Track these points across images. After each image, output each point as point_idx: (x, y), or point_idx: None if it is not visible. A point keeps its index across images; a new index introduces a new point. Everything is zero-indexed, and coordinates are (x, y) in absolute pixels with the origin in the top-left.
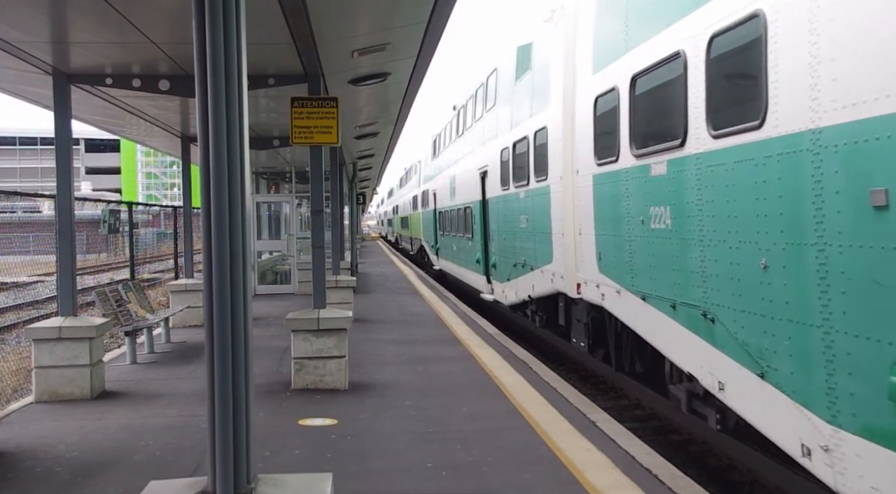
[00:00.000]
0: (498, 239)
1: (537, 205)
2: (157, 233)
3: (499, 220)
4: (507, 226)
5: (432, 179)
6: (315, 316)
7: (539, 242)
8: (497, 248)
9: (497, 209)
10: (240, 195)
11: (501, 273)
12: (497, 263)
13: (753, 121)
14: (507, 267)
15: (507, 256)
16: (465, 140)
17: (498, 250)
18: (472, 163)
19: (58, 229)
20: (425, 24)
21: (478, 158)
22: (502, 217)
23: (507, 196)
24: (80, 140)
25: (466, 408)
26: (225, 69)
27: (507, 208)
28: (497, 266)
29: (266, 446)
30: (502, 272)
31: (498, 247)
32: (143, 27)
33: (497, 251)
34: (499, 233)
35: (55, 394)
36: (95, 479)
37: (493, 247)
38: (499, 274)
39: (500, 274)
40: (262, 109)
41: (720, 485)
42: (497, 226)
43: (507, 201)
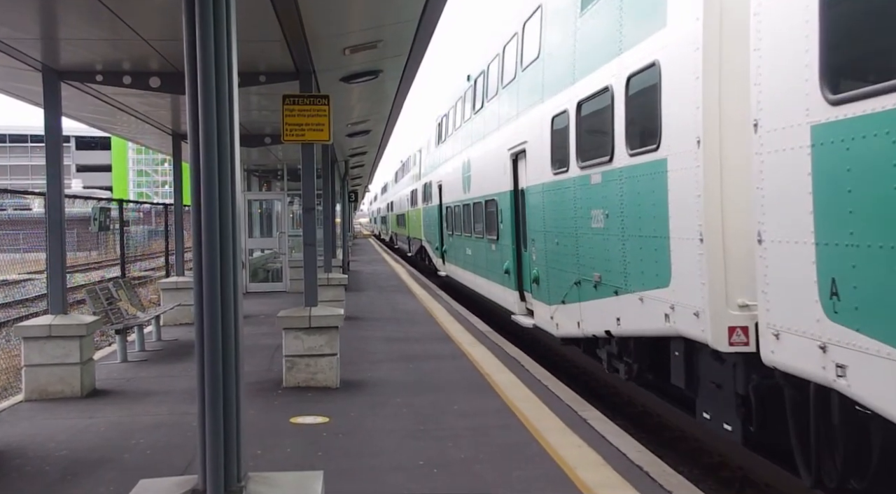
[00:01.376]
0: (544, 243)
1: (634, 192)
2: (148, 231)
3: (545, 217)
4: (561, 224)
5: (437, 169)
6: (307, 314)
7: (636, 251)
8: (542, 256)
9: (542, 201)
10: (230, 193)
11: (550, 291)
12: (542, 277)
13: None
14: (560, 285)
15: (562, 269)
16: (486, 115)
17: (544, 259)
18: (498, 142)
19: (48, 227)
20: (417, 22)
21: (507, 135)
22: (553, 212)
23: (563, 182)
24: (70, 137)
25: (458, 406)
26: (215, 66)
27: (561, 199)
28: (542, 280)
29: (257, 444)
30: (552, 290)
31: (544, 255)
32: (133, 24)
33: (542, 260)
34: (545, 234)
35: (45, 393)
36: (85, 478)
37: (533, 254)
38: (545, 293)
39: (546, 293)
40: (253, 107)
41: (711, 482)
42: (542, 224)
43: (561, 190)
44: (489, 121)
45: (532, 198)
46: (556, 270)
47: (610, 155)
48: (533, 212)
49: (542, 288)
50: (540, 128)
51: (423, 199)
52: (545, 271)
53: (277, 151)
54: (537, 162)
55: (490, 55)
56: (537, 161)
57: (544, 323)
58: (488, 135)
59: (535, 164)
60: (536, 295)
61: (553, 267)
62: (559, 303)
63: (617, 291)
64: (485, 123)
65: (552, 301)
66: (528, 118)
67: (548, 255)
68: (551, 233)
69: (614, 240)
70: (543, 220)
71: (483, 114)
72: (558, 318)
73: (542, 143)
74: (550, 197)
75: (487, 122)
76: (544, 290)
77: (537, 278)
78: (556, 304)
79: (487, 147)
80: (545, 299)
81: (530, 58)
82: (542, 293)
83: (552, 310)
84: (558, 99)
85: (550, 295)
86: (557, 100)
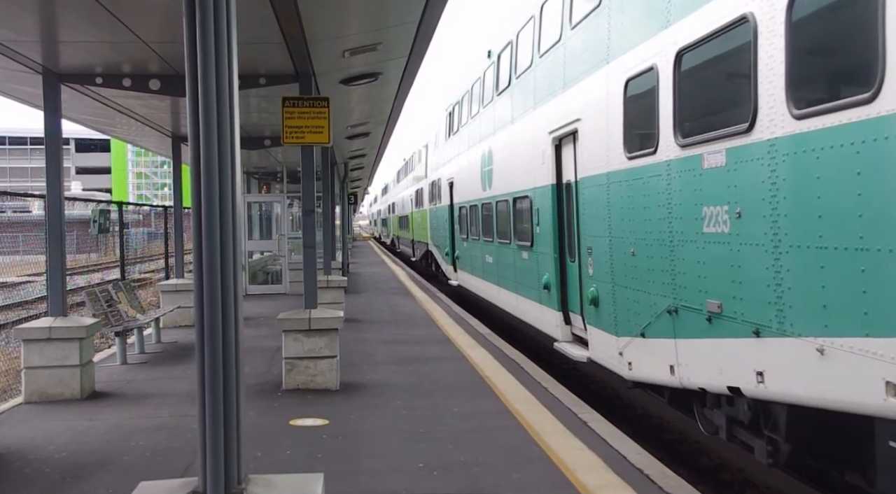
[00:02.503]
0: (609, 252)
1: (811, 177)
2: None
3: (611, 217)
4: (641, 227)
5: (447, 165)
6: (306, 316)
7: (812, 272)
8: (605, 270)
9: (606, 197)
10: (230, 195)
11: (619, 318)
12: (604, 298)
13: None
14: (637, 311)
15: (642, 289)
16: (514, 94)
17: (608, 273)
18: (533, 125)
19: (47, 229)
20: (417, 24)
21: (547, 115)
22: (625, 210)
23: (647, 169)
24: (70, 139)
25: (458, 408)
26: (216, 69)
27: (640, 192)
28: (604, 302)
29: (257, 446)
30: (622, 317)
31: (609, 268)
32: (133, 26)
33: (605, 275)
34: (612, 241)
35: (45, 395)
36: (85, 480)
37: (589, 267)
38: (609, 319)
39: (612, 320)
40: (253, 109)
41: (711, 485)
42: (605, 227)
43: (641, 179)
44: (520, 101)
45: (588, 192)
46: (631, 290)
47: (749, 120)
48: (589, 210)
49: (603, 313)
50: (604, 98)
51: (431, 199)
52: (610, 290)
53: (277, 153)
54: (598, 144)
55: (521, 21)
56: (598, 143)
57: (607, 359)
58: (518, 119)
59: (595, 148)
60: (594, 320)
61: (625, 286)
62: (635, 336)
63: (759, 331)
64: (513, 105)
65: (622, 331)
66: (581, 89)
67: (615, 269)
68: (622, 239)
69: (755, 252)
70: (608, 222)
71: (510, 95)
72: (632, 355)
73: (606, 119)
74: (621, 190)
75: (517, 103)
76: (608, 316)
77: (596, 299)
78: (628, 336)
79: (517, 133)
80: (609, 327)
81: (585, 9)
82: (603, 319)
83: (621, 344)
84: (636, 54)
85: (619, 324)
86: (635, 56)
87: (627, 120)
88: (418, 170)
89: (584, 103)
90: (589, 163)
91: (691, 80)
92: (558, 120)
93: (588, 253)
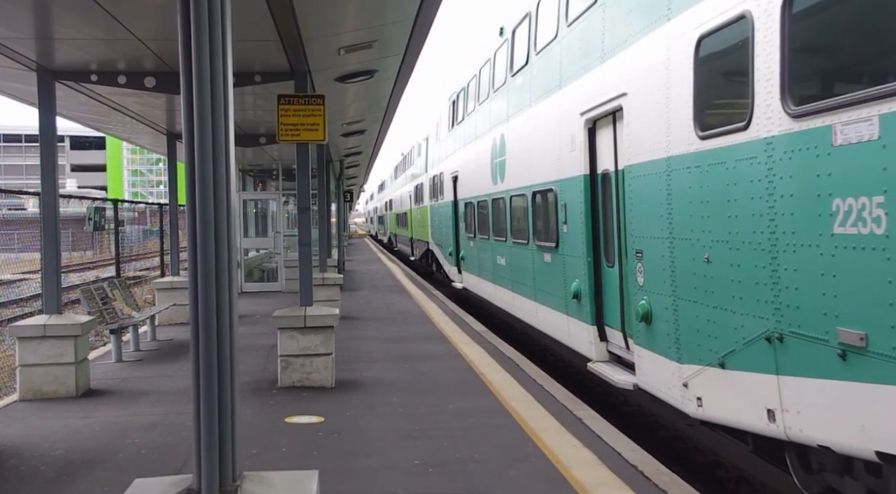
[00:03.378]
0: (668, 257)
1: None
2: (143, 231)
3: (672, 214)
4: (721, 226)
5: (450, 158)
6: (302, 313)
7: None
8: (662, 279)
9: (665, 187)
10: (225, 192)
11: (682, 340)
12: (658, 313)
13: None
14: (712, 333)
15: (721, 306)
16: (533, 73)
17: (667, 283)
18: (560, 106)
19: (42, 227)
20: (412, 22)
21: (579, 93)
22: (694, 205)
23: (731, 150)
24: (65, 137)
25: (453, 405)
26: (210, 66)
27: (719, 182)
28: (658, 319)
29: (253, 444)
30: (687, 339)
31: (668, 277)
32: (128, 23)
33: (661, 285)
34: (672, 243)
35: (40, 393)
36: (80, 478)
37: (638, 274)
38: (666, 340)
39: (671, 342)
40: (248, 106)
41: (706, 481)
42: (664, 226)
43: (722, 165)
44: (541, 81)
45: (638, 183)
46: (703, 306)
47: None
48: (639, 205)
49: (658, 332)
50: (662, 64)
51: (432, 195)
52: (670, 305)
53: (273, 151)
54: (653, 123)
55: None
56: (653, 121)
57: (663, 389)
58: (539, 101)
59: (648, 128)
60: (645, 340)
61: (693, 301)
62: (709, 365)
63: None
64: (531, 85)
65: (688, 357)
66: (627, 57)
67: (679, 279)
68: (690, 240)
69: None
70: (668, 219)
71: (528, 74)
72: (704, 389)
73: (666, 90)
74: (689, 178)
75: (537, 83)
76: (666, 336)
77: (647, 314)
78: (697, 364)
79: (537, 117)
80: (667, 351)
81: None
82: (659, 339)
83: (686, 373)
84: (715, 3)
85: (682, 348)
86: (713, 5)
87: (700, 89)
88: (418, 165)
89: (631, 74)
90: (639, 146)
91: (810, 25)
92: (593, 98)
93: (636, 257)
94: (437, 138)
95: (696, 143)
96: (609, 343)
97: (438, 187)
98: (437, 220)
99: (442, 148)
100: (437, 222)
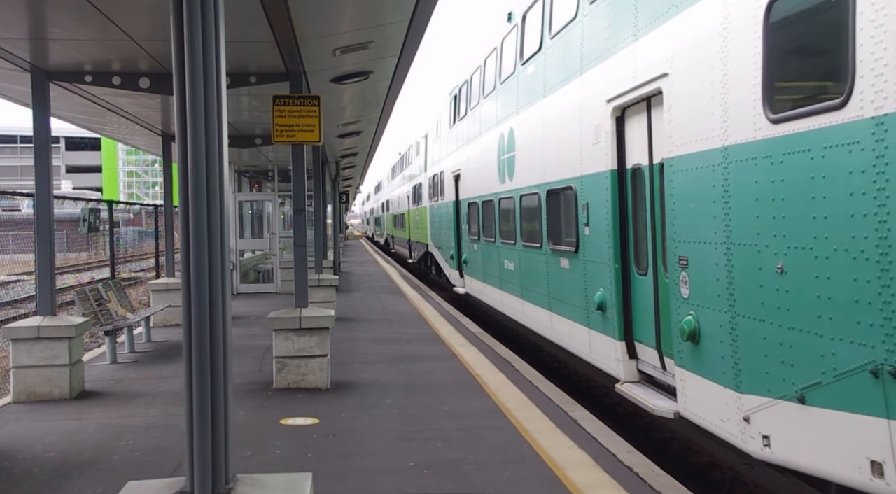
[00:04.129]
0: (725, 266)
1: None
2: (138, 232)
3: (727, 215)
4: (798, 233)
5: (452, 156)
6: (297, 315)
7: None
8: (711, 292)
9: (721, 184)
10: (218, 193)
11: (746, 367)
12: (710, 331)
13: None
14: (791, 361)
15: (798, 327)
16: (548, 58)
17: (720, 298)
18: (580, 94)
19: (36, 228)
20: (407, 23)
21: (604, 77)
22: (756, 205)
23: (812, 137)
24: (60, 138)
25: (449, 407)
26: (203, 67)
27: (800, 175)
28: (709, 338)
29: (247, 445)
30: (756, 367)
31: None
32: (122, 24)
33: (710, 299)
34: (731, 251)
35: (34, 394)
36: (73, 480)
37: (682, 286)
38: (721, 366)
39: (729, 368)
40: (244, 107)
41: (700, 483)
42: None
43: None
44: (557, 67)
45: (683, 178)
46: (775, 326)
47: None
48: (685, 204)
49: (709, 354)
50: (718, 35)
51: (431, 195)
52: (727, 322)
53: (268, 152)
54: (705, 106)
55: None
56: (705, 104)
57: (714, 421)
58: (555, 89)
59: (698, 112)
60: (692, 362)
61: (760, 319)
62: (782, 398)
63: None
64: (546, 73)
65: (750, 386)
66: (670, 31)
67: (739, 292)
68: (755, 246)
69: None
70: (725, 220)
71: (542, 61)
72: (774, 427)
73: (723, 66)
74: (756, 171)
75: (552, 70)
76: (719, 359)
77: (695, 332)
78: (763, 396)
79: (553, 107)
80: (721, 377)
81: None
82: (709, 363)
83: (747, 405)
84: None
85: (742, 374)
86: None
87: (772, 62)
88: (416, 164)
89: (675, 51)
90: (684, 135)
91: None
92: (624, 82)
93: (680, 265)
94: (437, 136)
95: (765, 128)
96: (639, 360)
97: (439, 187)
98: (437, 222)
99: (443, 145)
100: (438, 223)
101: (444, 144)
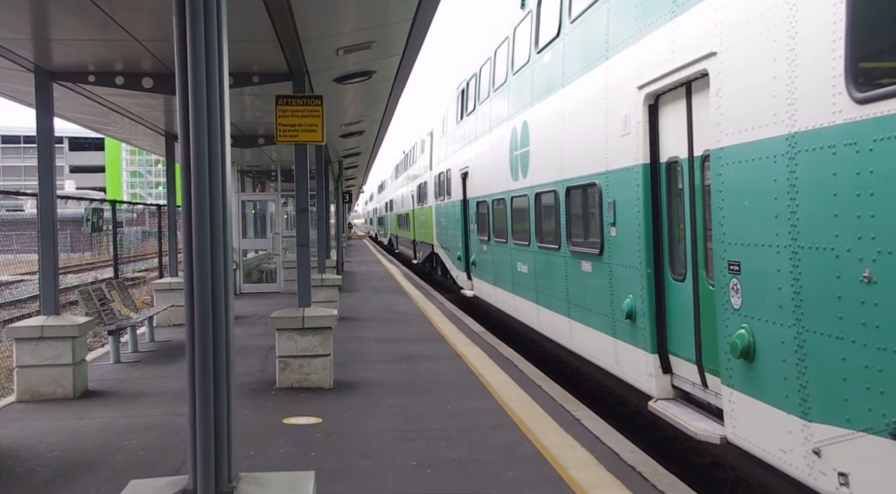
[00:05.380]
0: (789, 273)
1: None
2: (141, 232)
3: (794, 214)
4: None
5: (459, 153)
6: (300, 314)
7: None
8: (770, 302)
9: (785, 178)
10: (221, 193)
11: (817, 392)
12: (769, 348)
13: None
14: (881, 387)
15: (889, 348)
16: (567, 46)
17: (782, 310)
18: (604, 81)
19: (40, 228)
20: (410, 22)
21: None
22: (834, 202)
23: None
24: (63, 138)
25: (451, 406)
26: (206, 66)
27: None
28: (767, 356)
29: (250, 445)
30: (831, 393)
31: (781, 301)
32: (126, 24)
33: (769, 311)
34: (798, 255)
35: (37, 394)
36: (77, 479)
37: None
38: (783, 389)
39: (794, 392)
40: (247, 107)
41: (703, 482)
42: (776, 233)
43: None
44: (579, 53)
45: (734, 172)
46: (856, 346)
47: None
48: (736, 201)
49: (764, 372)
50: (784, 2)
51: (437, 194)
52: (791, 338)
53: (271, 152)
54: (764, 87)
55: None
56: (764, 85)
57: (773, 451)
58: (575, 78)
59: (754, 95)
60: (741, 381)
61: (836, 336)
62: (867, 432)
63: None
64: (565, 60)
65: (821, 414)
66: (719, 3)
67: (807, 303)
68: (832, 250)
69: None
70: (790, 220)
71: (560, 48)
72: (852, 463)
73: (788, 40)
74: (832, 162)
75: (572, 57)
76: (780, 379)
77: (747, 348)
78: (840, 427)
79: (573, 96)
80: (782, 401)
81: None
82: (765, 382)
83: (818, 435)
84: None
85: (811, 399)
86: None
87: (858, 27)
88: (421, 163)
89: (725, 25)
90: (737, 122)
91: None
92: (659, 65)
93: (731, 270)
94: (443, 132)
95: (847, 110)
96: (674, 375)
97: (445, 185)
98: (443, 221)
99: (449, 142)
100: (444, 223)
101: (451, 141)
